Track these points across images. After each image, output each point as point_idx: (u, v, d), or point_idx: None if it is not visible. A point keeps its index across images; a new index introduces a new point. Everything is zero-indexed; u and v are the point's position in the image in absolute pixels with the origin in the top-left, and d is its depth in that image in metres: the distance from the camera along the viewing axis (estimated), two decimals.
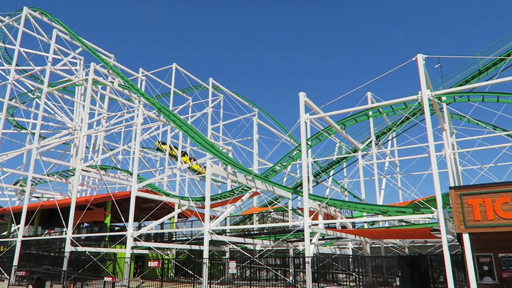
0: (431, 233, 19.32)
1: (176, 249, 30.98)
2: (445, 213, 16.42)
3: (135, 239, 25.69)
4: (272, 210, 32.29)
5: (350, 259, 25.85)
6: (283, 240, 28.15)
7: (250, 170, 26.72)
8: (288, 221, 29.73)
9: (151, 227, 28.91)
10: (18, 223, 32.44)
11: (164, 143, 42.90)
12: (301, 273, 26.08)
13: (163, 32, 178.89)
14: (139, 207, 38.08)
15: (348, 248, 34.93)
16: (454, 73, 29.33)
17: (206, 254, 21.81)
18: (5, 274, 29.19)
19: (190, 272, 24.91)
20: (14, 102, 39.61)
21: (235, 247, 28.55)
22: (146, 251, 29.01)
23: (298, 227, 22.31)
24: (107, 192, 34.15)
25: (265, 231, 28.95)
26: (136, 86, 34.36)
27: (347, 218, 25.73)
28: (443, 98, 23.26)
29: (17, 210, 34.71)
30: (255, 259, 24.71)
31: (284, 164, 30.98)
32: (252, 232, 29.85)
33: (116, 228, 35.25)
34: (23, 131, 44.04)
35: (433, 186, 16.74)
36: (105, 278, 22.69)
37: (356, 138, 31.00)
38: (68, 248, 27.00)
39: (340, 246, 36.05)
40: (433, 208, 16.85)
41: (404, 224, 26.25)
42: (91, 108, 43.12)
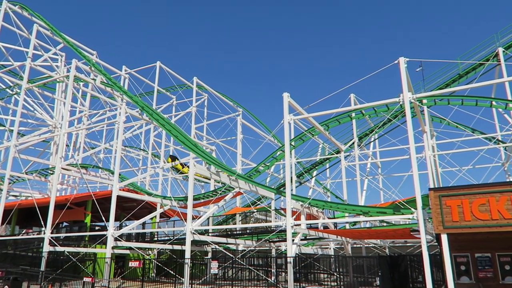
0: (411, 234, 19.65)
1: (158, 249, 30.70)
2: (425, 214, 16.73)
3: (116, 239, 25.34)
4: (255, 210, 32.31)
5: (332, 259, 26.07)
6: (266, 240, 28.19)
7: (234, 170, 26.69)
8: (271, 221, 29.79)
9: (133, 227, 28.57)
10: None
11: (175, 158, 41.45)
12: (283, 273, 26.17)
13: (148, 30, 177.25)
14: (121, 207, 37.59)
15: (330, 248, 35.21)
16: (435, 77, 29.97)
17: (188, 254, 21.68)
18: None
19: (172, 272, 24.72)
20: None
21: (218, 247, 28.46)
22: (127, 251, 28.64)
23: (281, 227, 22.38)
24: (88, 191, 33.61)
25: (248, 231, 28.93)
26: (119, 84, 33.92)
27: (329, 219, 25.95)
28: (424, 101, 23.67)
29: None
30: (237, 259, 24.67)
31: (268, 165, 31.06)
32: (235, 232, 29.80)
33: (97, 228, 34.68)
34: (1, 128, 42.94)
35: (414, 188, 17.04)
36: (84, 279, 22.32)
37: (339, 139, 31.32)
38: (47, 248, 26.46)
39: (322, 246, 36.30)
40: (413, 209, 17.13)
41: (385, 225, 26.64)
42: (72, 106, 42.37)
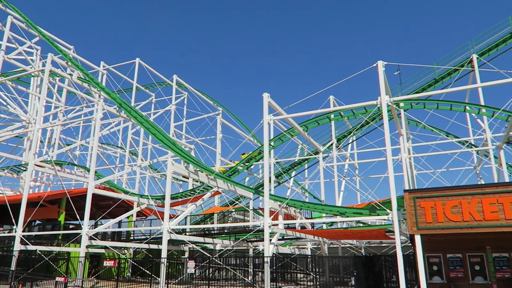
0: (386, 234, 19.99)
1: (134, 248, 30.28)
2: (400, 215, 17.05)
3: (91, 238, 24.86)
4: (233, 210, 32.26)
5: (309, 259, 26.29)
6: (243, 240, 28.19)
7: (212, 169, 26.56)
8: (249, 221, 29.81)
9: (108, 226, 28.08)
10: None
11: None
12: (260, 273, 26.22)
13: (128, 26, 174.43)
14: (96, 205, 36.91)
15: (307, 248, 35.51)
16: (412, 81, 30.63)
17: (165, 254, 21.46)
18: None
19: (148, 272, 24.43)
20: None
21: (195, 247, 28.28)
22: (102, 250, 28.11)
23: (258, 227, 22.41)
24: (62, 189, 32.82)
25: (226, 231, 28.86)
26: (97, 80, 33.25)
27: (307, 219, 26.14)
28: (401, 104, 24.13)
29: None
30: (215, 259, 24.58)
31: (247, 164, 31.03)
32: (213, 232, 29.67)
33: (71, 226, 33.96)
34: None
35: (389, 189, 17.35)
36: (57, 278, 21.78)
37: (318, 140, 31.61)
38: (18, 247, 25.70)
39: (300, 246, 36.57)
40: (388, 210, 17.44)
41: (361, 225, 27.03)
42: (48, 101, 41.27)
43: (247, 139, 43.92)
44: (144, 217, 38.32)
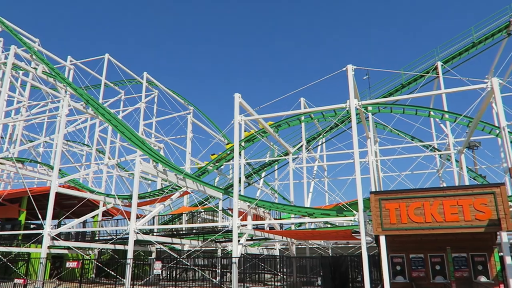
0: (353, 235, 20.41)
1: (99, 249, 29.50)
2: (366, 216, 17.45)
3: (53, 238, 24.02)
4: (202, 210, 32.03)
5: (277, 260, 26.43)
6: (212, 241, 28.02)
7: (182, 169, 26.26)
8: (218, 222, 29.67)
9: (72, 225, 27.24)
10: None
11: None
12: (229, 274, 26.14)
13: (98, 22, 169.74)
14: (60, 204, 35.71)
15: (276, 249, 35.69)
16: (381, 85, 31.46)
17: (131, 254, 21.04)
18: None
19: (113, 273, 23.85)
20: None
21: (163, 247, 27.88)
22: (65, 251, 27.23)
23: (227, 228, 22.35)
24: (24, 187, 31.56)
25: (194, 231, 28.61)
26: (63, 75, 32.17)
27: (276, 220, 26.31)
28: (369, 108, 24.73)
29: None
30: (182, 260, 24.31)
31: (217, 164, 30.90)
32: (181, 232, 29.35)
33: (32, 226, 32.69)
34: None
35: (356, 191, 17.72)
36: (16, 280, 20.93)
37: (288, 142, 31.89)
38: None
39: (268, 247, 36.71)
40: (355, 211, 17.80)
41: (329, 226, 27.46)
42: (10, 95, 39.54)
43: (218, 139, 43.77)
44: (111, 217, 37.43)
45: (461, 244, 15.22)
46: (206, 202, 34.34)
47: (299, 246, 34.33)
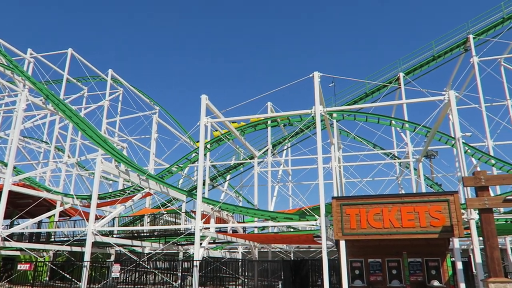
0: (314, 239, 20.71)
1: (54, 251, 28.33)
2: (327, 221, 17.77)
3: (5, 239, 22.86)
4: (165, 212, 31.50)
5: (239, 263, 26.37)
6: (174, 243, 27.59)
7: (145, 170, 25.73)
8: (181, 224, 29.27)
9: (25, 226, 26.03)
10: None
11: None
12: (190, 277, 25.81)
13: (62, 15, 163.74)
14: (13, 203, 33.97)
15: (239, 252, 35.61)
16: (346, 93, 32.25)
17: (88, 256, 20.37)
18: None
19: (68, 276, 22.97)
20: None
21: (122, 250, 27.17)
22: (18, 253, 25.97)
23: (190, 230, 22.09)
24: None
25: (156, 234, 28.08)
26: (22, 68, 30.78)
27: (239, 223, 26.27)
28: (334, 115, 25.24)
29: None
30: (142, 263, 23.78)
31: (181, 166, 30.51)
32: (142, 234, 28.72)
33: None
34: None
35: (319, 196, 18.02)
36: None
37: (254, 146, 31.98)
38: None
39: (231, 250, 36.58)
40: (317, 216, 18.09)
41: (291, 230, 27.73)
42: None
43: (183, 140, 43.23)
44: (68, 218, 36.03)
45: (417, 250, 15.79)
46: (169, 204, 33.80)
47: (262, 250, 34.45)
